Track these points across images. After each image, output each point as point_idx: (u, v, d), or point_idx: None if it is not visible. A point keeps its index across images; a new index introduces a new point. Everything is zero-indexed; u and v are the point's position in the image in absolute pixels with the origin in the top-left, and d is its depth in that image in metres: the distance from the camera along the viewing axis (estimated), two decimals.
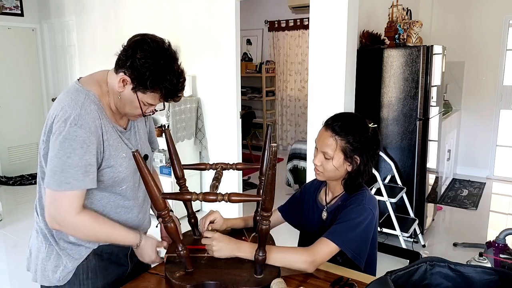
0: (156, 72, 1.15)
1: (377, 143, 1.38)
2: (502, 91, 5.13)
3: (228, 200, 1.13)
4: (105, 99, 1.25)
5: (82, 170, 1.14)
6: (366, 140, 1.34)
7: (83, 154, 1.14)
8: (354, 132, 1.33)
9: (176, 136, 3.75)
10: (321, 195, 1.52)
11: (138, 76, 1.15)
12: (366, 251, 1.34)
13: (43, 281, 1.29)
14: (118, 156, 1.24)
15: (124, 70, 1.17)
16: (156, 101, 1.22)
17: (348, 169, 1.36)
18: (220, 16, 3.76)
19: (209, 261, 1.28)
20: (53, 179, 1.14)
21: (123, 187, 1.29)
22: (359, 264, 1.32)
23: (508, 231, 2.60)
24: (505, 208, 4.37)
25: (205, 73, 3.97)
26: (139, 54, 1.14)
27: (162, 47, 1.17)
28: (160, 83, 1.16)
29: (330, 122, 1.37)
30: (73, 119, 1.13)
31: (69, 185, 1.13)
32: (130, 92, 1.19)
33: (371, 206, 1.35)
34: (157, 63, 1.15)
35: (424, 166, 3.35)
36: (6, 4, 5.26)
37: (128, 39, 1.20)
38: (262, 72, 6.50)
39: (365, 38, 3.47)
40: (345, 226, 1.30)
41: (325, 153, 1.35)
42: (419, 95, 3.23)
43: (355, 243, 1.29)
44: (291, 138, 6.87)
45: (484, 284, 0.89)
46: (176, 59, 1.20)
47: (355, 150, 1.33)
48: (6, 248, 3.54)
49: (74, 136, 1.12)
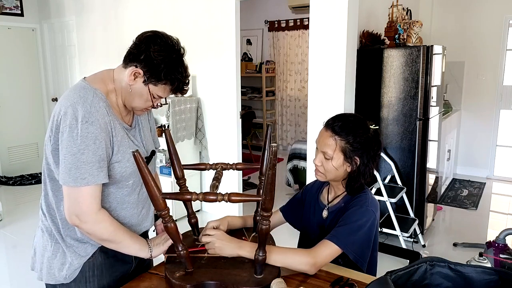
0: (170, 64, 1.22)
1: (378, 145, 1.38)
2: (502, 91, 5.13)
3: (228, 200, 1.13)
4: (111, 97, 1.28)
5: (96, 165, 1.18)
6: (366, 141, 1.33)
7: (96, 149, 1.17)
8: (354, 133, 1.33)
9: (176, 136, 3.75)
10: (323, 194, 1.52)
11: (152, 68, 1.21)
12: (368, 253, 1.34)
13: (49, 279, 1.30)
14: (125, 152, 1.28)
15: (135, 64, 1.22)
16: (165, 93, 1.28)
17: (348, 170, 1.36)
18: (220, 16, 3.76)
19: (209, 261, 1.28)
20: (69, 175, 1.16)
21: (130, 181, 1.32)
22: (362, 267, 1.31)
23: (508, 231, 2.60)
24: (505, 208, 4.37)
25: (205, 73, 3.97)
26: (153, 48, 1.21)
27: (173, 43, 1.25)
28: (173, 75, 1.23)
29: (331, 122, 1.37)
30: (83, 117, 1.16)
31: (84, 181, 1.16)
32: (142, 85, 1.24)
33: (373, 208, 1.34)
34: (170, 56, 1.22)
35: (424, 166, 3.35)
36: (6, 4, 5.26)
37: (137, 36, 1.26)
38: (262, 72, 6.50)
39: (365, 38, 3.47)
40: (348, 228, 1.29)
41: (325, 153, 1.35)
42: (419, 95, 3.23)
43: (358, 246, 1.29)
44: (291, 138, 6.87)
45: (484, 284, 0.89)
46: (183, 55, 1.29)
47: (355, 150, 1.33)
48: (6, 248, 3.54)
49: (86, 133, 1.15)
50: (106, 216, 1.24)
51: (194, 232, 1.48)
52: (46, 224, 1.30)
